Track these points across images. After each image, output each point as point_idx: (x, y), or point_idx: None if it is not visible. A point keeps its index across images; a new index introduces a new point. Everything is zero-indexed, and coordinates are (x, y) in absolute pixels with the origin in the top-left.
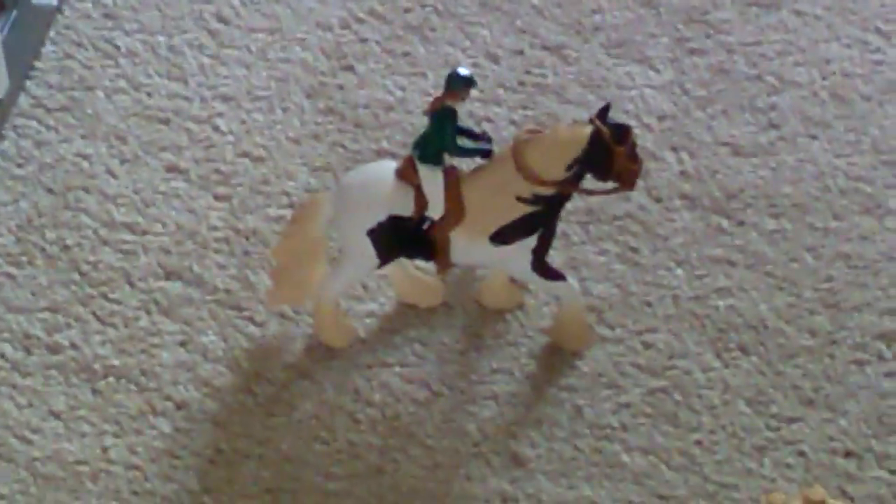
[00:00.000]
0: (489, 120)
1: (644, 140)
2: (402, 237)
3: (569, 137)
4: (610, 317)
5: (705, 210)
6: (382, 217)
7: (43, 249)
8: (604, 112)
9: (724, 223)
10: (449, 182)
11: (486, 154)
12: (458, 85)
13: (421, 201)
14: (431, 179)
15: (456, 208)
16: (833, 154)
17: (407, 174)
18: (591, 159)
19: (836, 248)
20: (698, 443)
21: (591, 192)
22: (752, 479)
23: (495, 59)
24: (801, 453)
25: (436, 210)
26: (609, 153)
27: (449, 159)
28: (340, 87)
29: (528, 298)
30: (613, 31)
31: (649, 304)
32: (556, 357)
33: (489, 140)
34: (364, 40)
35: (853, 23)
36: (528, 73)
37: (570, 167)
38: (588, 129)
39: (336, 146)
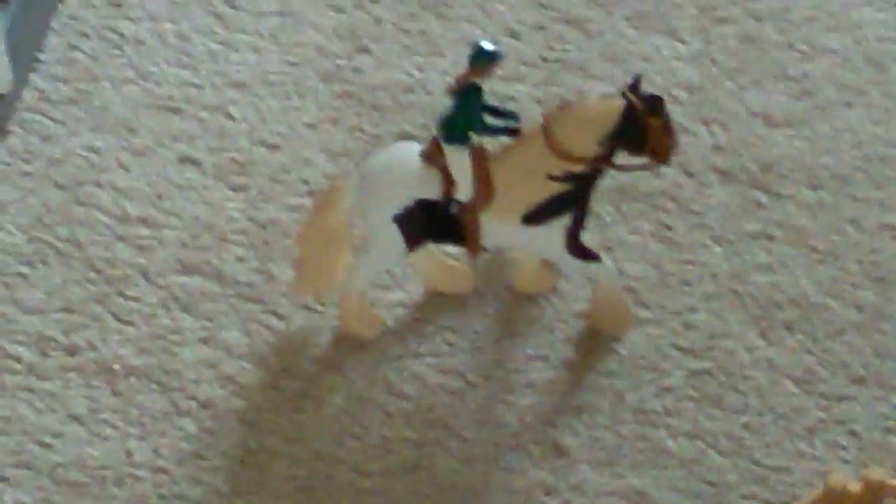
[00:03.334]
0: (512, 98)
1: (674, 114)
2: (429, 221)
3: (600, 112)
4: (648, 298)
5: (741, 184)
6: (408, 202)
7: (55, 248)
8: (635, 85)
9: (761, 197)
10: (477, 162)
11: (514, 132)
12: (482, 60)
13: (448, 184)
14: (458, 160)
15: (485, 189)
16: (871, 122)
17: (432, 156)
18: (623, 133)
19: (879, 220)
20: (746, 426)
21: (624, 168)
22: (804, 462)
23: (516, 36)
24: (854, 433)
25: (464, 192)
26: (642, 126)
27: (476, 138)
28: (357, 70)
29: (562, 281)
30: (637, 2)
31: (688, 284)
32: (594, 341)
33: (517, 117)
34: (379, 20)
35: None
36: (550, 48)
37: (602, 142)
38: (620, 103)
39: (355, 131)
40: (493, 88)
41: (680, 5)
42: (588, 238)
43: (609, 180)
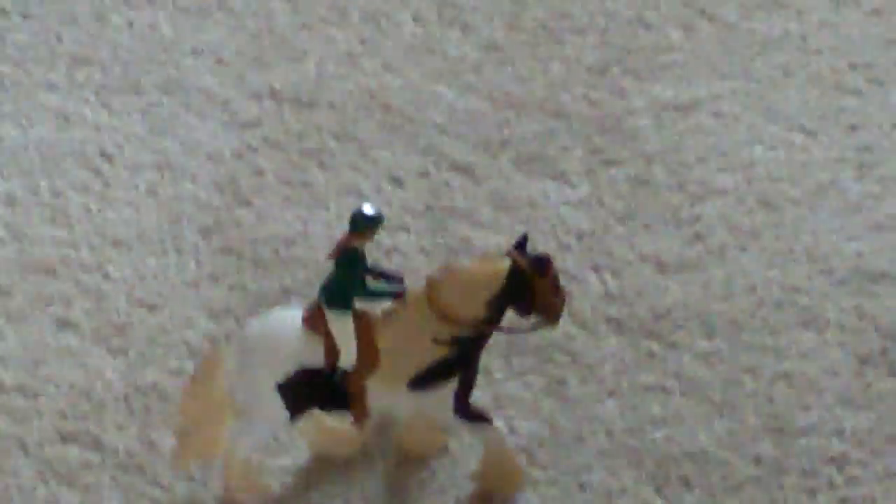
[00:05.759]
0: (397, 249)
1: (563, 261)
2: (313, 389)
3: (485, 274)
4: (541, 456)
5: (634, 334)
6: (291, 369)
7: None
8: (521, 243)
9: (655, 347)
10: (360, 328)
11: (398, 295)
12: (362, 225)
13: (332, 350)
14: (341, 326)
15: (370, 355)
16: (765, 265)
17: (315, 322)
18: (510, 295)
19: (775, 368)
20: None
21: (512, 331)
22: None
23: (400, 184)
24: None
25: (348, 359)
26: (530, 287)
27: (359, 303)
28: (237, 224)
29: (452, 442)
30: (522, 145)
31: (582, 440)
32: None
33: (401, 279)
34: (260, 171)
35: (776, 122)
36: (435, 196)
37: (488, 305)
38: (505, 264)
39: (236, 288)
40: (378, 239)
41: (567, 148)
42: (477, 394)
43: (498, 334)
